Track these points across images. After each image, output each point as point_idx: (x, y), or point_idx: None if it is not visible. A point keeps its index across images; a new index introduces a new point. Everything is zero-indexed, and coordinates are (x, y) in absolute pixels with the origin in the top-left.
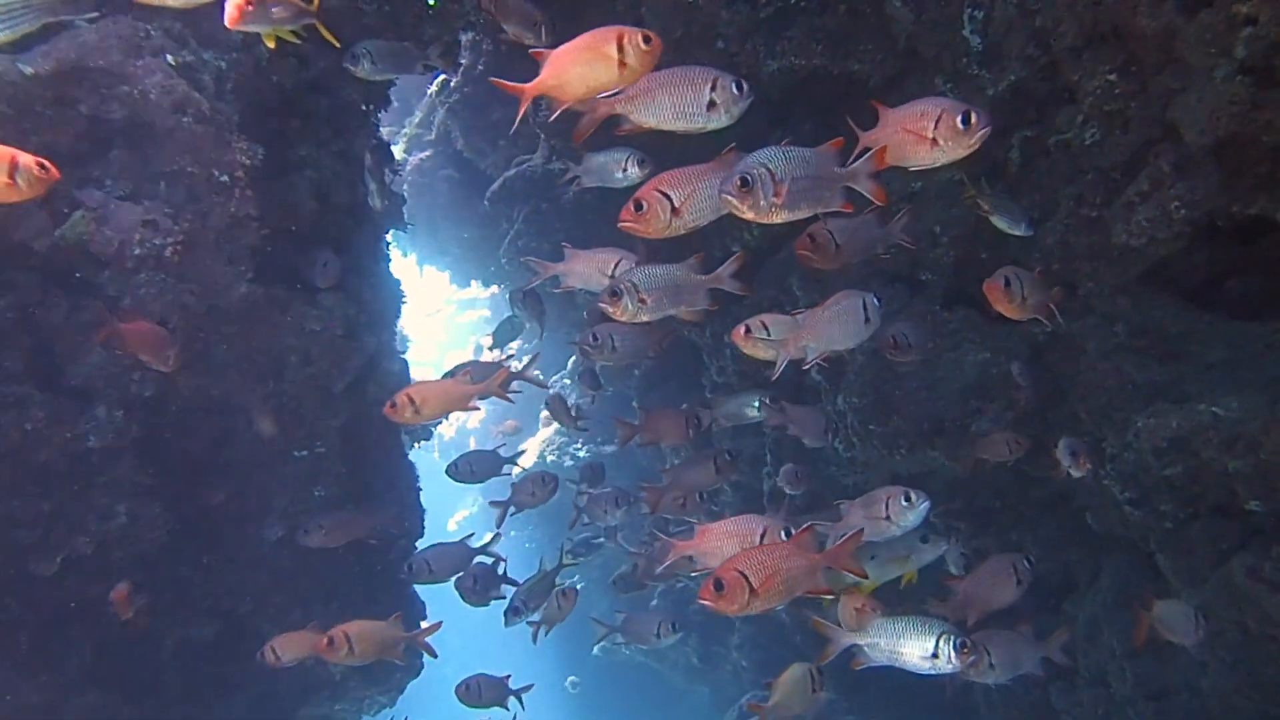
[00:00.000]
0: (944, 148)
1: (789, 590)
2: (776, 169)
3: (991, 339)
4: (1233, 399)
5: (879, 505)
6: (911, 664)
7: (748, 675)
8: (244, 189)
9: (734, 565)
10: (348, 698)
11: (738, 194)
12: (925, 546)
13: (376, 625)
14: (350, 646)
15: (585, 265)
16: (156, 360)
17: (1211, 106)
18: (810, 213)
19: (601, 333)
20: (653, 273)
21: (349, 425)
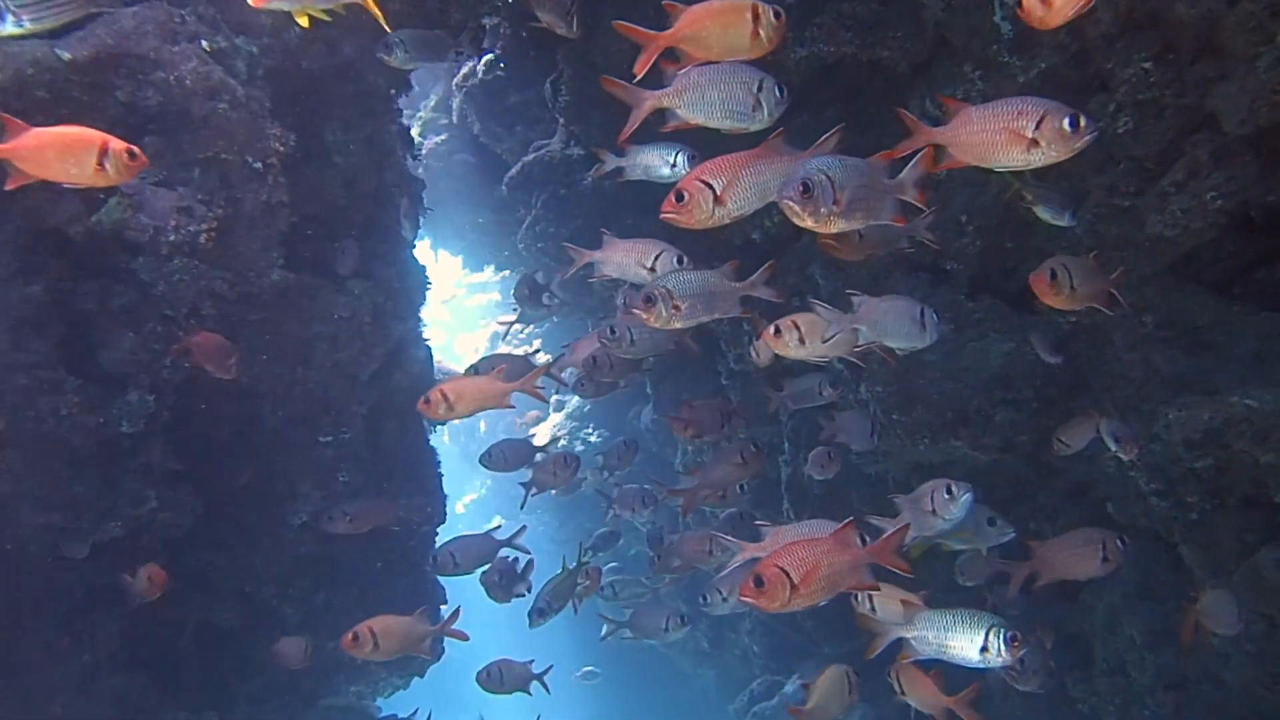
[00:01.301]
0: (1044, 150)
1: (832, 586)
2: (836, 177)
3: (1017, 328)
4: (1265, 391)
5: (925, 499)
6: (961, 657)
7: (758, 660)
8: (277, 175)
9: (775, 561)
10: (365, 680)
11: (799, 200)
12: (990, 530)
13: (402, 621)
14: (375, 642)
15: (624, 255)
16: (220, 370)
17: (1253, 95)
18: (864, 224)
19: (620, 326)
20: (688, 279)
21: (374, 411)
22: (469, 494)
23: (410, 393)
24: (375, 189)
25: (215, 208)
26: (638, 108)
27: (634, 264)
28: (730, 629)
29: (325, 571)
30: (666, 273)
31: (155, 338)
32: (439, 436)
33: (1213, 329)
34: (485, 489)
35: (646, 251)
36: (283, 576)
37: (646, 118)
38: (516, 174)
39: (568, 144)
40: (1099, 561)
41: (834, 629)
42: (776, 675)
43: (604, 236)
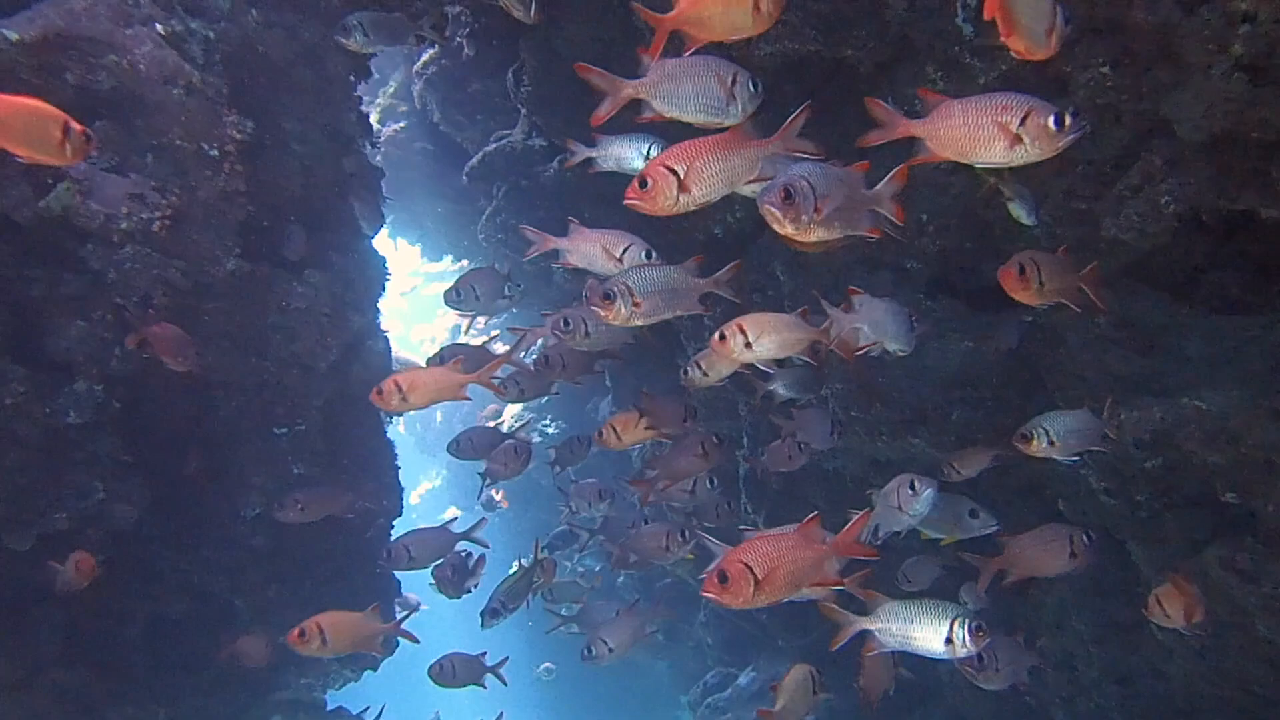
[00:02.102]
0: (1027, 147)
1: (796, 582)
2: (818, 185)
3: (975, 328)
4: (1214, 393)
5: (891, 495)
6: (925, 649)
7: (712, 652)
8: (234, 164)
9: (738, 557)
10: (315, 672)
11: (780, 206)
12: (973, 521)
13: (352, 618)
14: (323, 639)
15: (591, 245)
16: (176, 362)
17: (1208, 103)
18: (841, 234)
19: (574, 317)
20: (648, 275)
21: (331, 403)
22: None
23: (368, 384)
24: (334, 178)
25: (169, 195)
26: (614, 96)
27: (601, 255)
28: (685, 621)
29: (278, 564)
30: (626, 268)
31: (105, 327)
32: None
33: (1164, 331)
34: (441, 479)
35: (615, 243)
36: (234, 569)
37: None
38: (477, 164)
39: (530, 134)
40: (1067, 557)
41: (788, 622)
42: (730, 667)
43: (570, 225)
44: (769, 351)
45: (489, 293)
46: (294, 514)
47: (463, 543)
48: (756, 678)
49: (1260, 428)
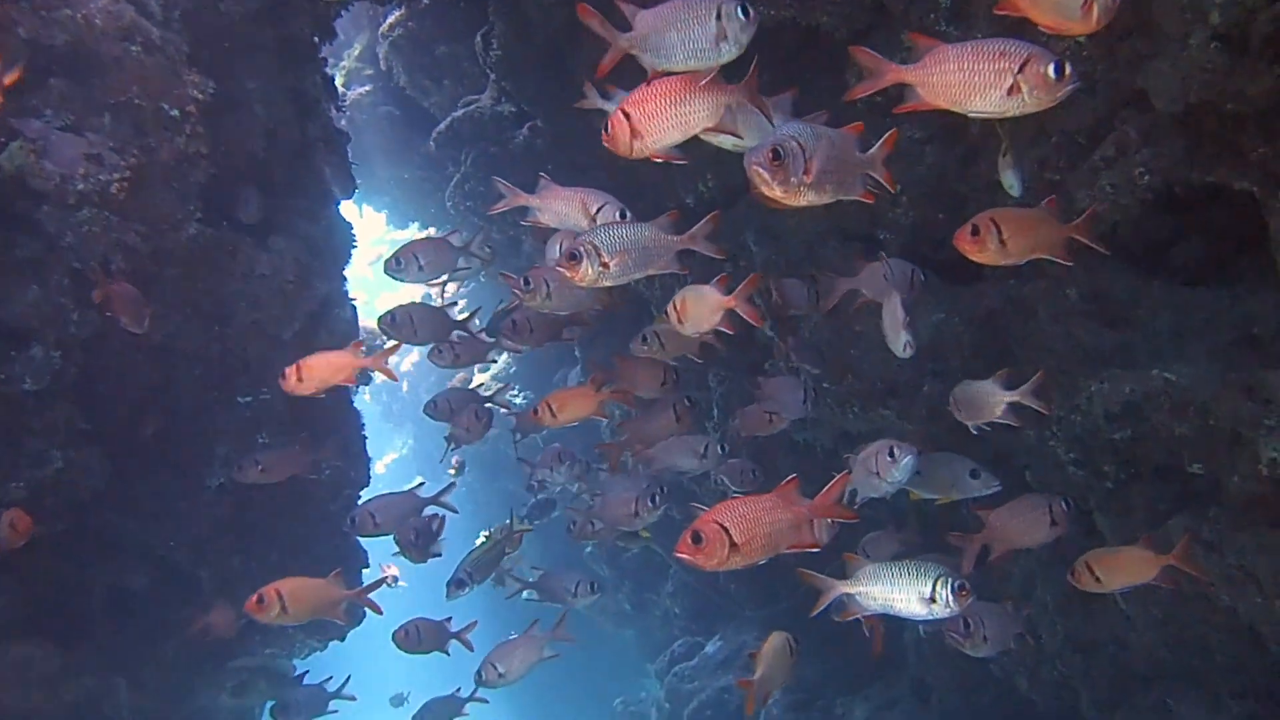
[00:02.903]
0: (1025, 97)
1: (773, 544)
2: (808, 145)
3: (947, 300)
4: (1183, 365)
5: (870, 461)
6: (907, 610)
7: (678, 622)
8: (195, 124)
9: (713, 517)
10: (280, 641)
11: (769, 167)
12: (973, 482)
13: (313, 584)
14: (283, 606)
15: (565, 204)
16: (132, 322)
17: (1184, 73)
18: (833, 198)
19: (535, 277)
20: (617, 233)
21: None
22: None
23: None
24: (298, 141)
25: (128, 156)
26: (612, 47)
27: (575, 213)
28: (652, 591)
29: (243, 534)
30: (595, 226)
31: (62, 291)
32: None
33: (1133, 304)
34: (407, 449)
35: (589, 201)
36: (198, 539)
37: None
38: (445, 130)
39: (499, 100)
40: (1048, 526)
41: (756, 592)
42: (697, 636)
43: (541, 181)
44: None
45: (433, 263)
46: (254, 475)
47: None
48: (723, 647)
49: (1228, 400)
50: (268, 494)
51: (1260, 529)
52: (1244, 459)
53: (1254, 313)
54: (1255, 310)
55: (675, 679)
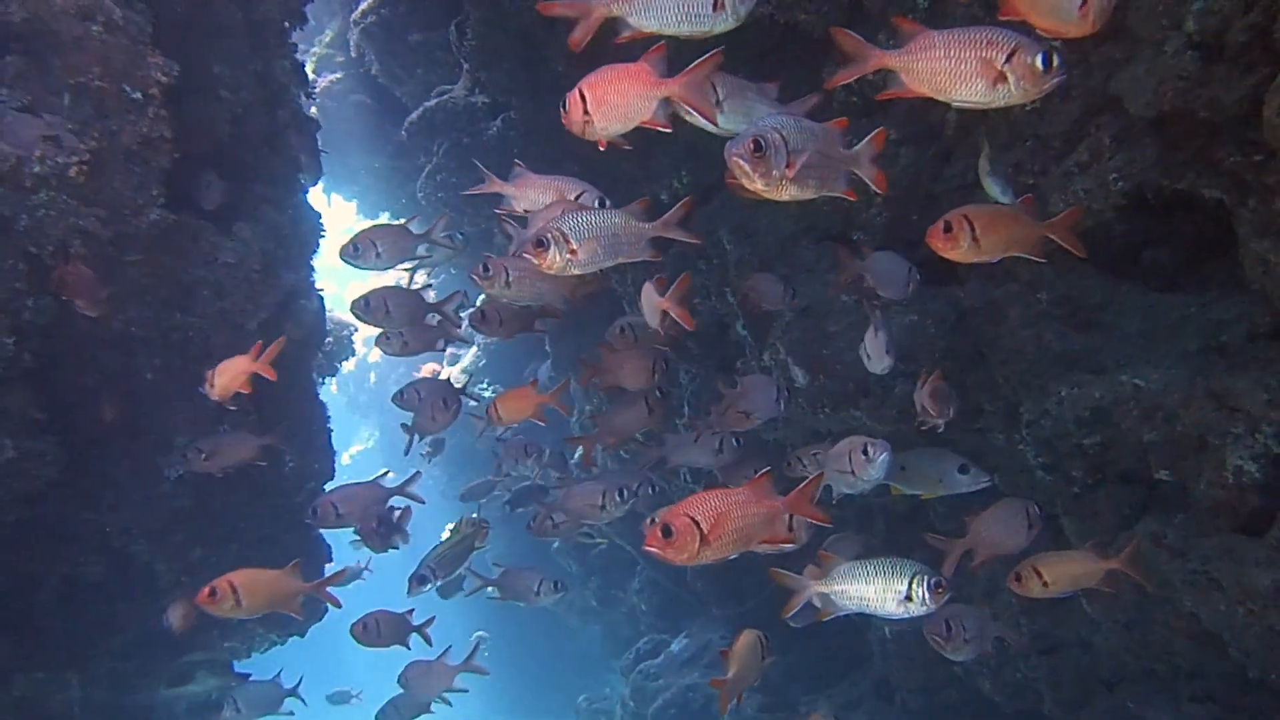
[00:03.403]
0: (1011, 87)
1: (744, 538)
2: (790, 138)
3: (919, 302)
4: (1153, 371)
5: (843, 458)
6: (883, 610)
7: (645, 619)
8: (158, 108)
9: (684, 510)
10: (240, 635)
11: (750, 159)
12: (962, 477)
13: (269, 575)
14: (236, 598)
15: (540, 192)
16: (88, 305)
17: (1159, 79)
18: (815, 194)
19: (494, 263)
20: (587, 219)
21: None
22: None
23: (301, 344)
24: (267, 128)
25: (88, 139)
26: (585, 20)
27: (549, 202)
28: (619, 587)
29: (202, 527)
30: (563, 213)
31: (16, 276)
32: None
33: (1103, 308)
34: (373, 440)
35: (565, 189)
36: (155, 531)
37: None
38: (417, 119)
39: (473, 90)
40: (1026, 530)
41: (723, 590)
42: (663, 634)
43: (516, 169)
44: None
45: (391, 250)
46: (199, 463)
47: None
48: (689, 645)
49: (1196, 406)
50: (229, 485)
51: (1224, 535)
52: (1210, 465)
53: (1222, 319)
54: (1223, 317)
55: (640, 676)
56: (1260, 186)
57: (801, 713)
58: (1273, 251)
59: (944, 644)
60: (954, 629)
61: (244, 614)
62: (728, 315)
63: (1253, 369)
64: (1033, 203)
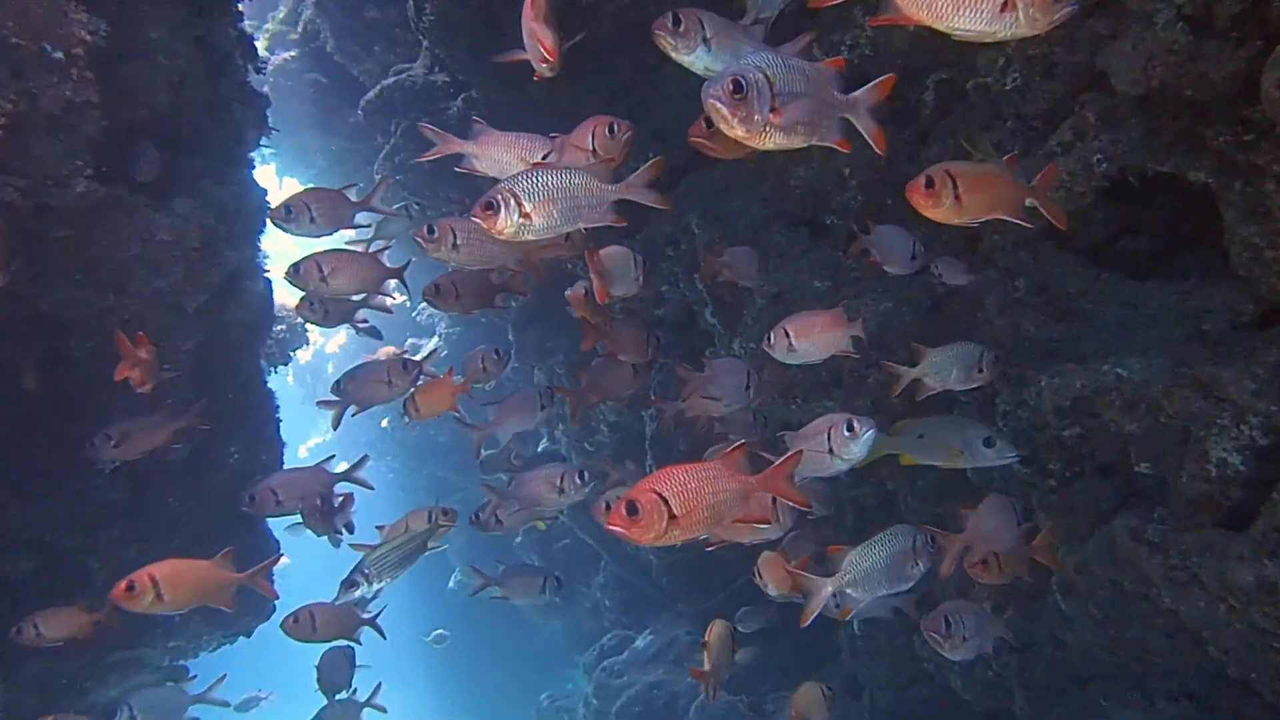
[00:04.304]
0: (1019, 15)
1: (716, 517)
2: (776, 79)
3: (894, 289)
4: (1135, 360)
5: (820, 437)
6: (898, 586)
7: (609, 614)
8: (83, 69)
9: (650, 486)
10: (185, 634)
11: (729, 101)
12: (986, 451)
13: (195, 566)
14: (158, 592)
15: (503, 150)
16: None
17: (1148, 54)
18: (805, 142)
19: (441, 224)
20: (543, 180)
21: (203, 347)
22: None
23: (246, 328)
24: (208, 98)
25: (3, 102)
26: None
27: (515, 161)
28: (582, 582)
29: (139, 521)
30: (517, 172)
31: None
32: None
33: (1081, 296)
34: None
35: (531, 148)
36: (88, 526)
37: None
38: (374, 98)
39: (432, 69)
40: (1016, 527)
41: (689, 584)
42: (628, 630)
43: (476, 126)
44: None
45: (327, 215)
46: (108, 451)
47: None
48: (654, 641)
49: (1180, 397)
50: (169, 478)
51: (1206, 530)
52: (1193, 458)
53: (1203, 308)
54: (1204, 305)
55: (604, 674)
56: (1249, 168)
57: (768, 710)
58: (1260, 236)
59: (942, 642)
60: (954, 626)
61: (167, 609)
62: (697, 303)
63: (1237, 358)
64: (1017, 161)
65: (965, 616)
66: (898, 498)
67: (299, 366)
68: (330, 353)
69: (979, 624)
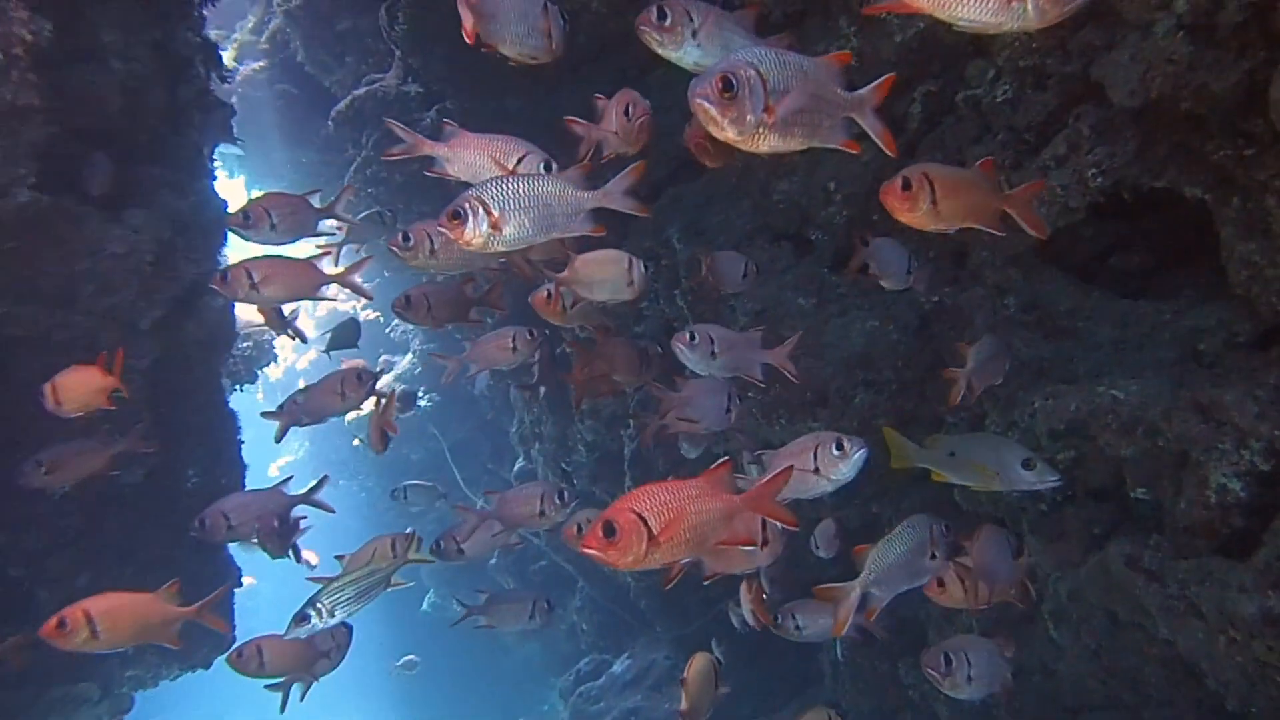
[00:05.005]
0: (1028, 7)
1: (700, 538)
2: (770, 75)
3: (880, 306)
4: (1131, 382)
5: (806, 455)
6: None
7: (586, 638)
8: (25, 72)
9: (629, 505)
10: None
11: (718, 101)
12: (1025, 474)
13: (135, 600)
14: (92, 629)
15: (477, 153)
16: None
17: (1146, 64)
18: (804, 145)
19: (416, 231)
20: (515, 187)
21: (159, 366)
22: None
23: (204, 345)
24: (166, 106)
25: None
26: None
27: (490, 164)
28: (559, 605)
29: (92, 549)
30: (487, 179)
31: None
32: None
33: (1072, 315)
34: (304, 451)
35: (508, 151)
36: (35, 553)
37: None
38: (345, 109)
39: (405, 79)
40: (1014, 559)
41: (668, 608)
42: (605, 654)
43: (447, 128)
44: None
45: (289, 222)
46: (38, 479)
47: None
48: (632, 665)
49: (1180, 420)
50: (123, 502)
51: (1205, 558)
52: (1191, 483)
53: (1198, 327)
54: (1199, 324)
55: (581, 700)
56: (1249, 183)
57: None
58: (1260, 254)
59: (941, 680)
60: (954, 663)
61: (104, 648)
62: (677, 319)
63: (1236, 379)
64: (992, 166)
65: (970, 651)
66: (880, 520)
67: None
68: (301, 369)
69: (988, 660)
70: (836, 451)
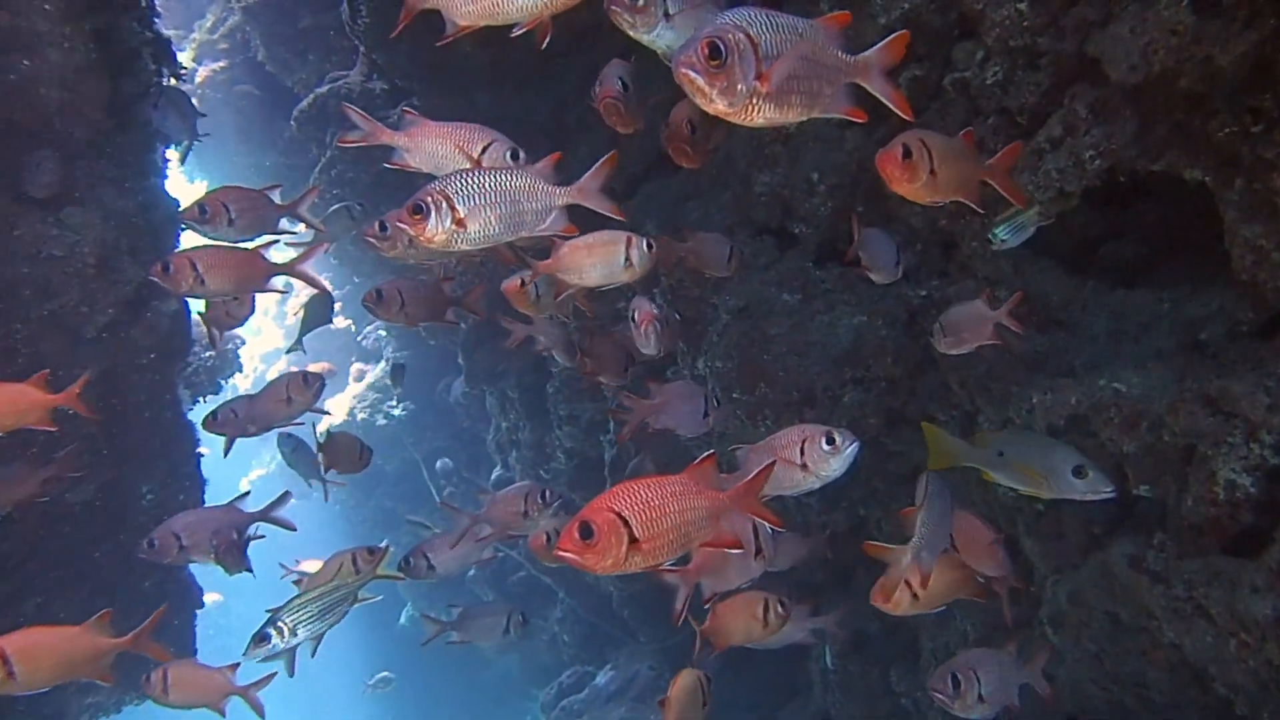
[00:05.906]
0: None
1: (684, 539)
2: (761, 39)
3: (867, 301)
4: (1133, 374)
5: (792, 449)
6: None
7: (567, 650)
8: None
9: (607, 504)
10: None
11: (705, 70)
12: (1075, 481)
13: (59, 636)
14: (8, 670)
15: (439, 142)
16: None
17: (1149, 37)
18: (802, 115)
19: (393, 222)
20: (481, 181)
21: (107, 376)
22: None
23: (156, 354)
24: (108, 98)
25: None
26: None
27: (453, 153)
28: (539, 616)
29: (40, 573)
30: (450, 172)
31: None
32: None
33: (1066, 306)
34: (275, 463)
35: (472, 139)
36: None
37: None
38: (308, 107)
39: (370, 76)
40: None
41: (651, 617)
42: (587, 666)
43: (407, 116)
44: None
45: (248, 218)
46: None
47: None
48: (615, 677)
49: (1186, 413)
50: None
51: (1213, 557)
52: (1198, 479)
53: (1198, 316)
54: (1199, 313)
55: (563, 713)
56: (1254, 163)
57: None
58: (1266, 237)
59: (950, 703)
60: (964, 684)
61: (22, 689)
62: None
63: (1242, 369)
64: (973, 138)
65: (980, 668)
66: (869, 522)
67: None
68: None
69: (999, 675)
70: (827, 446)
